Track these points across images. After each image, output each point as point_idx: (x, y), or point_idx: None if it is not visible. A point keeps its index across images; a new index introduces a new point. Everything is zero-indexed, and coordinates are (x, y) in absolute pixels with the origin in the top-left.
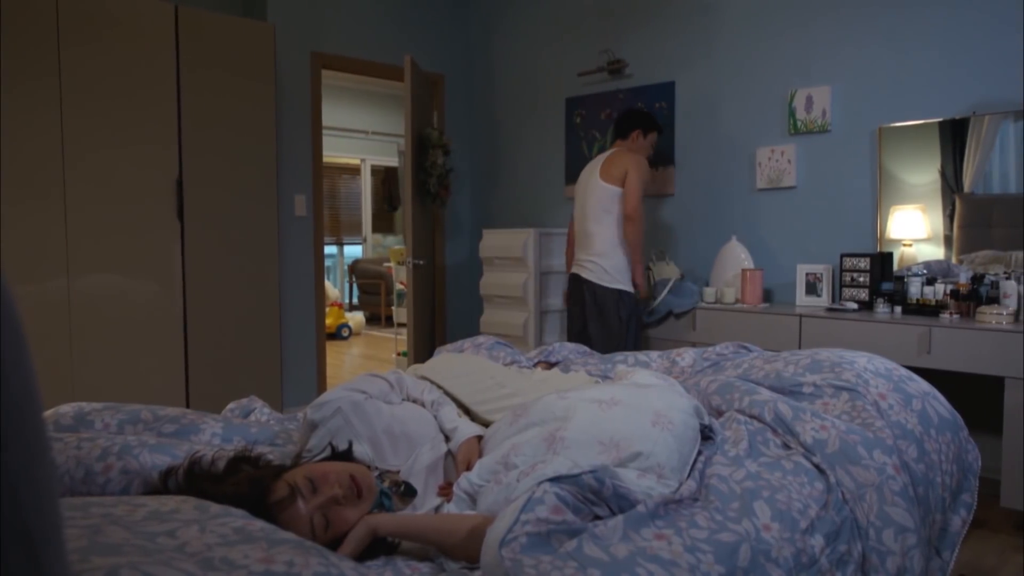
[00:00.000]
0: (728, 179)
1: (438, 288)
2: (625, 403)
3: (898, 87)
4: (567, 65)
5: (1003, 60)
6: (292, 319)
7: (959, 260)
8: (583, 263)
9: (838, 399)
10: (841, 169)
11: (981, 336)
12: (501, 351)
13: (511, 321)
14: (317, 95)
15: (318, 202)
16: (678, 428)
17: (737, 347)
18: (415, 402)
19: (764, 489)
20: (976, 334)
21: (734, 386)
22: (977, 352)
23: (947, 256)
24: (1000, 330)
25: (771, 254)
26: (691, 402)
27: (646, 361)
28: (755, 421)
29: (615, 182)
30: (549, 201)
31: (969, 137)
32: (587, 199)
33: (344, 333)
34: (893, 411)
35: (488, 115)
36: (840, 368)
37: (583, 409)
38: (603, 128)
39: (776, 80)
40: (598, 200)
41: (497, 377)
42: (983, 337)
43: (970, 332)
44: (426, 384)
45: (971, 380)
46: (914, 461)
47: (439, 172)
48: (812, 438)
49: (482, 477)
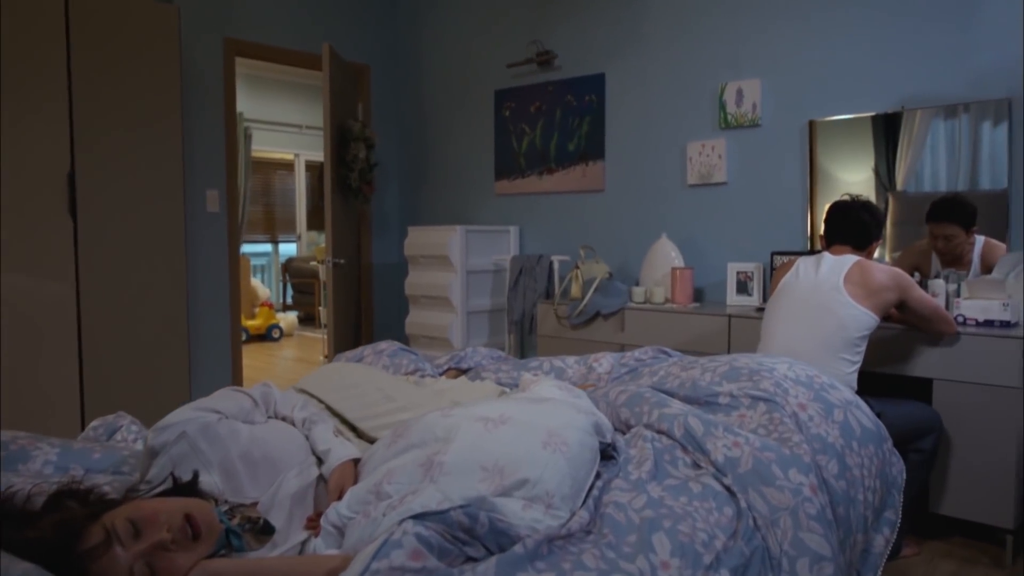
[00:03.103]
0: (659, 175)
1: (364, 288)
2: (515, 421)
3: (828, 81)
4: (496, 56)
5: (932, 55)
6: (204, 321)
7: (891, 259)
8: None
9: (755, 410)
10: (772, 164)
11: (908, 336)
12: (404, 358)
13: (437, 323)
14: (231, 84)
15: (232, 197)
16: (573, 449)
17: (657, 352)
18: (284, 420)
19: (666, 518)
20: (904, 334)
21: (644, 398)
22: (906, 353)
23: (881, 254)
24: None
25: (702, 252)
26: (590, 419)
27: (561, 367)
28: (664, 437)
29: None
30: (479, 197)
31: (901, 135)
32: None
33: (275, 334)
34: (813, 423)
35: (416, 108)
36: (759, 376)
37: (467, 429)
38: (532, 122)
39: (706, 73)
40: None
41: (387, 389)
42: (911, 338)
43: (898, 332)
44: (300, 399)
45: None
46: (834, 478)
47: (361, 166)
48: (724, 456)
49: (352, 508)
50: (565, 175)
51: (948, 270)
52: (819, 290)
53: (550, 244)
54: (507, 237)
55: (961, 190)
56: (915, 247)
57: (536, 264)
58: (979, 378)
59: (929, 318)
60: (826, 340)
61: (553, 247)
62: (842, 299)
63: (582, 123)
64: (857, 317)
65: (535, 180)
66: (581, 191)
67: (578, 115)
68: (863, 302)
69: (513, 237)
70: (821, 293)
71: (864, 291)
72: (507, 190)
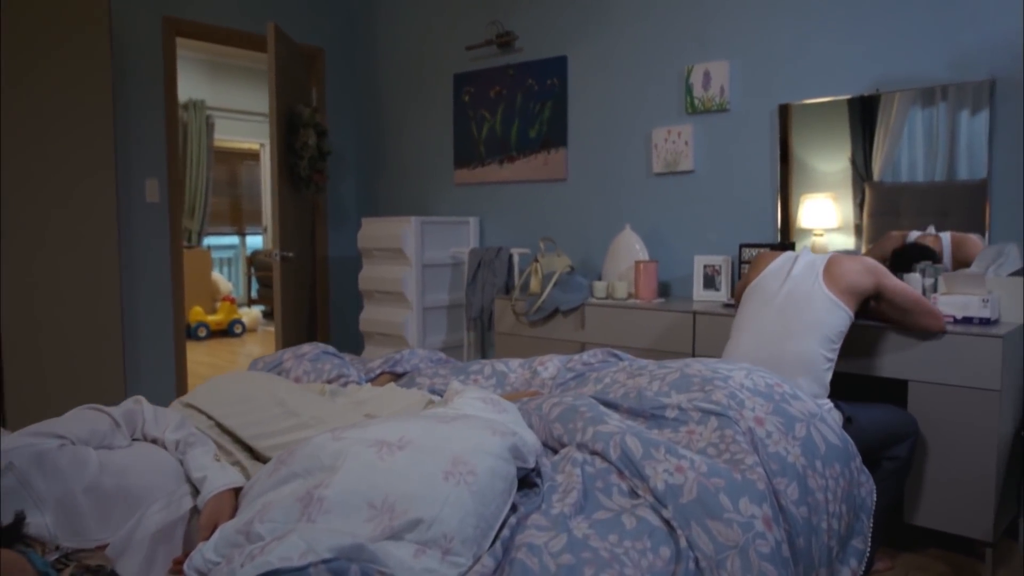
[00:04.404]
0: (623, 162)
1: (320, 283)
2: (415, 446)
3: (799, 62)
4: (455, 38)
5: (910, 34)
6: (143, 318)
7: (867, 250)
8: None
9: (705, 426)
10: (741, 151)
11: (881, 334)
12: (327, 363)
13: (391, 319)
14: (171, 66)
15: (175, 186)
16: (481, 480)
17: (607, 355)
18: (154, 443)
19: (588, 564)
20: (876, 331)
21: (578, 412)
22: (878, 352)
23: (857, 246)
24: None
25: (668, 244)
26: (507, 440)
27: (504, 371)
28: (598, 459)
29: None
30: (438, 187)
31: (879, 122)
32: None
33: (237, 330)
34: (771, 439)
35: (373, 93)
36: (712, 386)
37: (356, 456)
38: (492, 107)
39: (672, 54)
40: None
41: (290, 402)
42: (884, 335)
43: (873, 330)
44: (176, 417)
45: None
46: (794, 504)
47: (311, 154)
48: (664, 483)
49: (219, 551)
50: (526, 163)
51: (924, 263)
52: (796, 283)
53: (511, 236)
54: (467, 229)
55: (938, 180)
56: (889, 238)
57: (495, 257)
58: (957, 380)
59: (910, 310)
60: (802, 333)
61: (514, 239)
62: (820, 292)
63: (544, 108)
64: (834, 311)
65: (495, 169)
66: (543, 180)
67: (539, 100)
68: (839, 296)
69: (473, 229)
70: (798, 286)
71: (839, 285)
72: (467, 179)
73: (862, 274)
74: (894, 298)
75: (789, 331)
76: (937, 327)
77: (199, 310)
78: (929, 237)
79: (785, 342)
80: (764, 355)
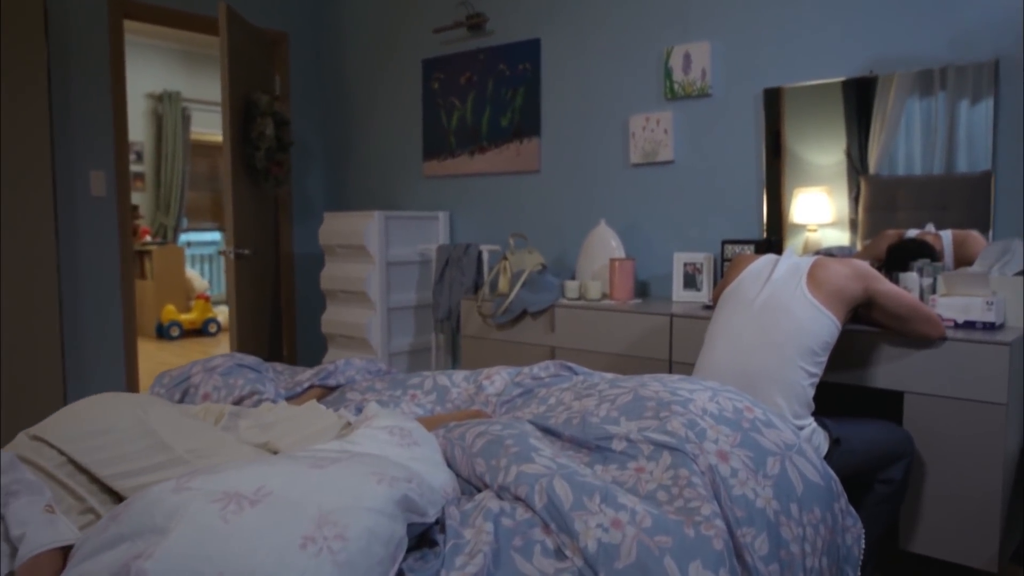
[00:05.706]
0: (598, 153)
1: (284, 281)
2: (274, 499)
3: (785, 42)
4: (423, 20)
5: (907, 10)
6: (88, 318)
7: (862, 247)
8: None
9: (657, 463)
10: (725, 140)
11: (873, 340)
12: (240, 377)
13: (354, 321)
14: (118, 51)
15: (123, 179)
16: (352, 547)
17: (560, 368)
18: None
19: None
20: (868, 337)
21: (504, 446)
22: (870, 360)
23: (852, 242)
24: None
25: (646, 241)
26: (397, 490)
27: (447, 386)
28: (521, 508)
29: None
30: (406, 180)
31: (874, 112)
32: None
33: (211, 329)
34: (737, 479)
35: (339, 80)
36: (668, 411)
37: (195, 515)
38: (463, 95)
39: (650, 36)
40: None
41: (163, 432)
42: (876, 342)
43: (865, 336)
44: (4, 459)
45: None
46: (763, 561)
47: (269, 145)
48: (597, 542)
49: None
50: (498, 154)
51: (923, 261)
52: (776, 288)
53: (482, 231)
54: (436, 224)
55: (937, 173)
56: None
57: (464, 254)
58: (958, 391)
59: (906, 317)
60: (782, 344)
61: (485, 235)
62: (803, 298)
63: (516, 95)
64: (818, 319)
65: (466, 160)
66: (515, 172)
67: (511, 86)
68: (824, 302)
69: (443, 224)
70: (778, 291)
71: (825, 290)
72: (436, 171)
73: (850, 279)
74: (887, 304)
75: (767, 341)
76: (936, 334)
77: (172, 308)
78: (928, 236)
79: (762, 354)
80: (738, 368)
